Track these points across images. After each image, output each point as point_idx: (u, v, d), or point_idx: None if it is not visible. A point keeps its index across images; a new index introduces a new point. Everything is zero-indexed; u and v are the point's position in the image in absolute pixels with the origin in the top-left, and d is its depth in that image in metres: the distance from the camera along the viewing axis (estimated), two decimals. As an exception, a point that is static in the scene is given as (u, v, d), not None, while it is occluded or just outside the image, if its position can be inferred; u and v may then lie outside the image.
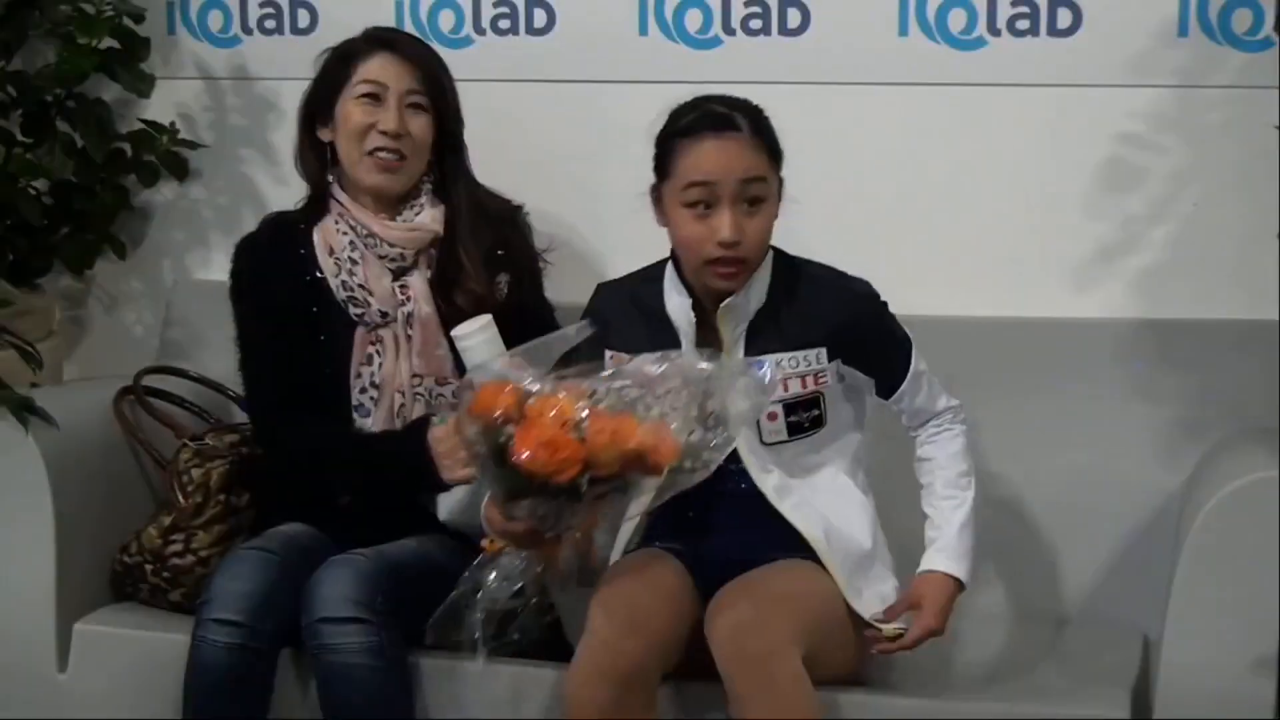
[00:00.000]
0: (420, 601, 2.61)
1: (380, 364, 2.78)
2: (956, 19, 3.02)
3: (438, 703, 2.61)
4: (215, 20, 3.36)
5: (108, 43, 3.24)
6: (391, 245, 2.79)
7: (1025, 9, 2.99)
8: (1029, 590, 2.92)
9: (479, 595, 2.40)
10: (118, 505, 2.90)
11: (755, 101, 2.53)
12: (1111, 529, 2.89)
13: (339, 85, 2.80)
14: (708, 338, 2.51)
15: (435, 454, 2.65)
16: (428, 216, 2.81)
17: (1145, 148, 2.97)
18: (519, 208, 2.91)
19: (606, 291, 2.67)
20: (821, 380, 2.52)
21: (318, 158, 2.85)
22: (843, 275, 2.58)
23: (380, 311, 2.78)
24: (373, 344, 2.79)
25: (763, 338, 2.51)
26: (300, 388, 2.78)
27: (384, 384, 2.78)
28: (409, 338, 2.78)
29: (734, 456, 2.49)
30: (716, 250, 2.45)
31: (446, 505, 2.69)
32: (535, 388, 2.29)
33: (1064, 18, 2.98)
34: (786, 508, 2.53)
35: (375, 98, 2.77)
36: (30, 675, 2.79)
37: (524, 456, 2.25)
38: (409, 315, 2.78)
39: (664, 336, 2.52)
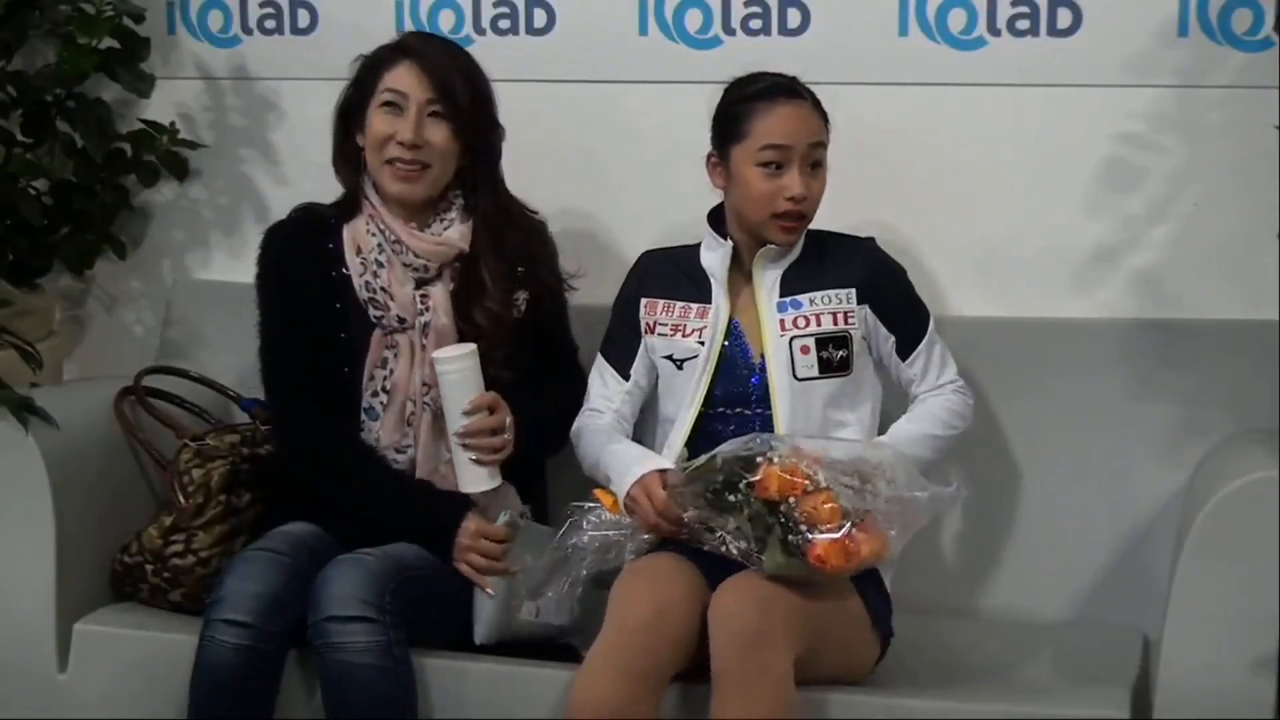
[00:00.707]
0: (426, 602, 2.62)
1: (393, 369, 2.78)
2: (956, 19, 3.02)
3: (441, 703, 2.61)
4: (215, 20, 3.36)
5: (108, 43, 3.23)
6: (417, 256, 2.78)
7: (1025, 9, 2.99)
8: (1029, 590, 2.92)
9: (585, 540, 2.60)
10: (118, 505, 2.90)
11: None
12: (1111, 529, 2.89)
13: (368, 93, 2.79)
14: (739, 284, 2.73)
15: (459, 541, 2.68)
16: (456, 232, 2.80)
17: (1145, 148, 2.97)
18: (544, 224, 2.91)
19: (648, 255, 2.86)
20: (850, 320, 2.68)
21: (352, 162, 2.84)
22: (875, 241, 2.77)
23: (399, 317, 2.78)
24: (388, 348, 2.79)
25: (797, 281, 2.70)
26: (318, 381, 2.79)
27: (395, 390, 2.78)
28: (424, 347, 2.78)
29: (764, 402, 2.65)
30: (784, 205, 2.64)
31: (484, 629, 2.68)
32: (820, 480, 2.43)
33: (1064, 18, 2.98)
34: None
35: (396, 107, 2.76)
36: (30, 675, 2.78)
37: (827, 564, 2.41)
38: (426, 325, 2.78)
39: (697, 283, 2.74)
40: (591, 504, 2.63)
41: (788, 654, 2.39)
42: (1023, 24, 2.99)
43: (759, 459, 2.46)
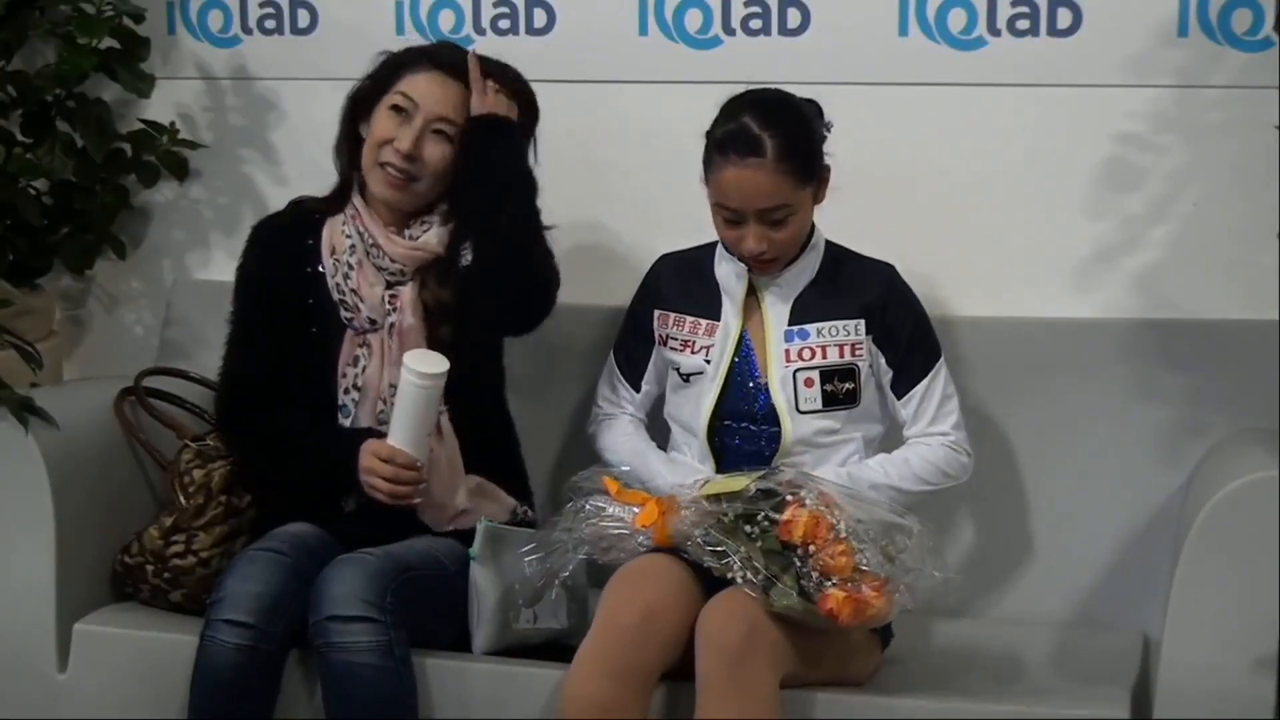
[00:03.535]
0: (427, 602, 2.62)
1: (365, 367, 2.78)
2: (956, 19, 3.02)
3: (441, 703, 2.61)
4: (215, 20, 3.36)
5: (108, 43, 3.23)
6: (393, 260, 2.78)
7: (1025, 9, 2.99)
8: (1029, 591, 2.92)
9: (583, 526, 2.55)
10: (118, 506, 2.90)
11: (797, 102, 2.64)
12: (1111, 529, 2.89)
13: (382, 89, 2.78)
14: (751, 300, 2.69)
15: (360, 464, 2.67)
16: (434, 235, 2.80)
17: (1145, 148, 2.97)
18: None
19: (664, 260, 2.82)
20: (858, 352, 2.64)
21: (350, 152, 2.83)
22: (895, 270, 2.72)
23: (369, 319, 2.78)
24: (360, 346, 2.79)
25: (807, 309, 2.66)
26: (276, 376, 2.80)
27: (366, 387, 2.78)
28: (392, 347, 2.77)
29: (770, 420, 2.63)
30: (744, 252, 2.61)
31: (482, 639, 2.67)
32: (841, 531, 2.42)
33: (1064, 18, 2.98)
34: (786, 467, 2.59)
35: (404, 113, 2.75)
36: (30, 675, 2.78)
37: (838, 618, 2.39)
38: (392, 325, 2.77)
39: (710, 297, 2.70)
40: (591, 483, 2.61)
41: (774, 673, 2.40)
42: (1023, 24, 2.99)
43: (788, 497, 2.45)
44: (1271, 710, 2.38)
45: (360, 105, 2.81)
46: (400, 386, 2.64)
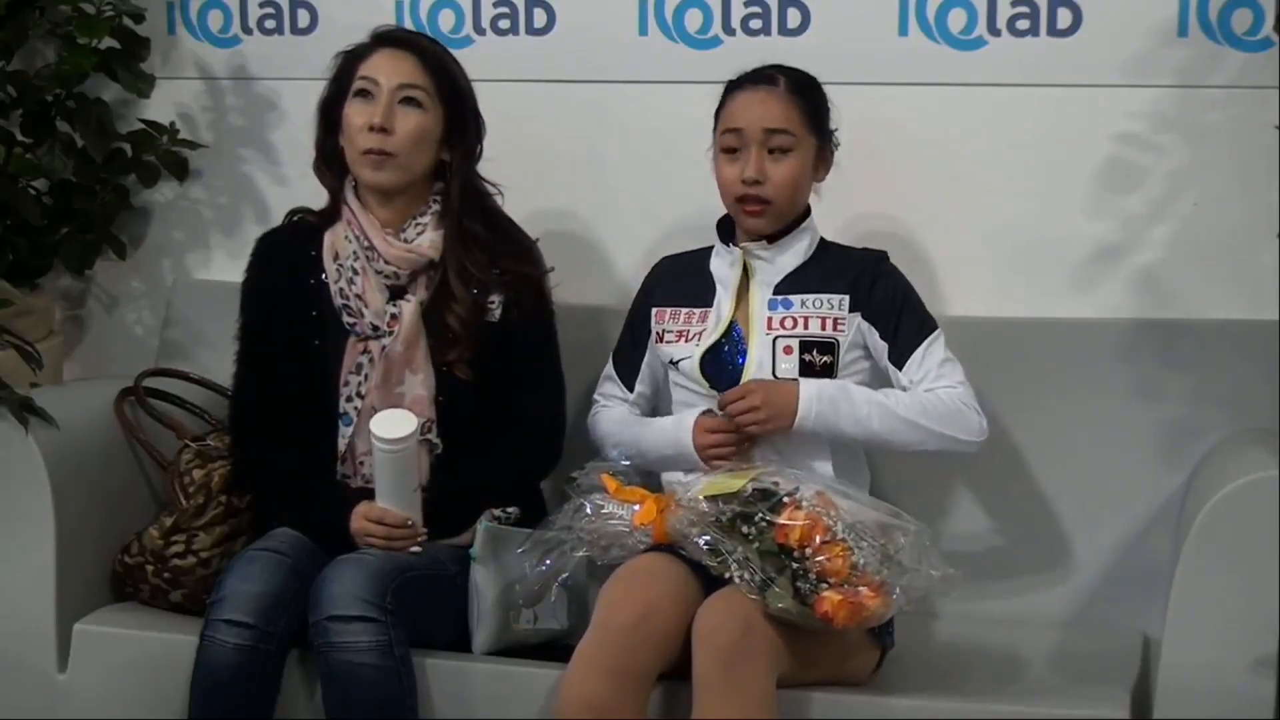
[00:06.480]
0: (426, 601, 2.62)
1: (368, 374, 2.78)
2: (956, 19, 3.02)
3: (441, 703, 2.61)
4: (215, 20, 3.36)
5: (108, 43, 3.23)
6: (388, 263, 2.78)
7: (1025, 9, 2.99)
8: (1029, 591, 2.92)
9: (583, 524, 2.57)
10: (118, 506, 2.90)
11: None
12: (1111, 529, 2.89)
13: (345, 85, 2.79)
14: (744, 290, 2.70)
15: (353, 528, 2.69)
16: (427, 239, 2.79)
17: (1145, 148, 2.97)
18: (534, 243, 2.87)
19: (663, 262, 2.85)
20: (840, 327, 2.65)
21: (333, 163, 2.84)
22: (885, 254, 2.74)
23: (372, 325, 2.78)
24: (363, 354, 2.79)
25: (795, 284, 2.69)
26: (280, 400, 2.79)
27: (368, 397, 2.78)
28: (384, 370, 2.78)
29: None
30: (742, 189, 2.63)
31: (483, 639, 2.68)
32: (838, 532, 2.42)
33: (1064, 18, 2.98)
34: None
35: (369, 95, 2.76)
36: (30, 675, 2.78)
37: (834, 621, 2.39)
38: (383, 349, 2.77)
39: (704, 289, 2.73)
40: (590, 481, 2.62)
41: (769, 673, 2.40)
42: (1023, 24, 2.99)
43: (785, 499, 2.45)
44: (1271, 710, 2.38)
45: (329, 111, 2.81)
46: (374, 453, 2.66)
